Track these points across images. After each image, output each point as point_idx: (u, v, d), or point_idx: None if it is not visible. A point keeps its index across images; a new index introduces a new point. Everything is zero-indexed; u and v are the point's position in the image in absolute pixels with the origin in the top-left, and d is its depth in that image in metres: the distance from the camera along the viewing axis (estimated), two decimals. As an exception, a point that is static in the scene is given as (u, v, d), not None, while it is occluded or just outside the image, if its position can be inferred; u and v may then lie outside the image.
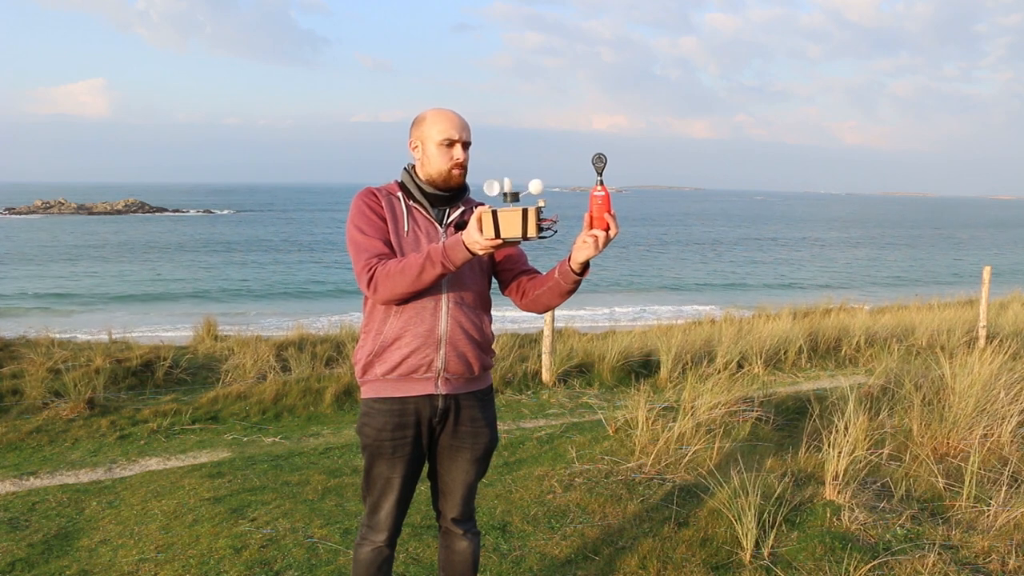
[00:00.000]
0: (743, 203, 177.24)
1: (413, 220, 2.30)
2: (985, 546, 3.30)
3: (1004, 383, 4.94)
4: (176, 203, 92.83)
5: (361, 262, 2.21)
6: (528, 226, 1.96)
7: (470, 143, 2.33)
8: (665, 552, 3.36)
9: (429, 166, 2.29)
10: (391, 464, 2.31)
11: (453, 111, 2.32)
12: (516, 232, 1.96)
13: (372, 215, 2.27)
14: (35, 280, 29.61)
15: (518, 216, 1.95)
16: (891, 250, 54.31)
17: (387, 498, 2.34)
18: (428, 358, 2.25)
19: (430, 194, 2.32)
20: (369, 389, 2.32)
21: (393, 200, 2.32)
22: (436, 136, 2.27)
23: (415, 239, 2.28)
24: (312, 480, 4.58)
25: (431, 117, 2.30)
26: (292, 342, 8.67)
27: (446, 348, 2.26)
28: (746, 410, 5.33)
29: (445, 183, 2.30)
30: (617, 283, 32.42)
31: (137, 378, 7.20)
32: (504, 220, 1.96)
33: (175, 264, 36.19)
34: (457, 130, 2.28)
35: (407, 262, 2.15)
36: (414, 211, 2.32)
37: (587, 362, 8.25)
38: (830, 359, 9.31)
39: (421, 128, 2.31)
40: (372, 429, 2.30)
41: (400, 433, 2.29)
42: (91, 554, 3.57)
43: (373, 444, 2.30)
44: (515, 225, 1.96)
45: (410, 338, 2.24)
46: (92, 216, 69.04)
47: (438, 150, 2.27)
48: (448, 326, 2.26)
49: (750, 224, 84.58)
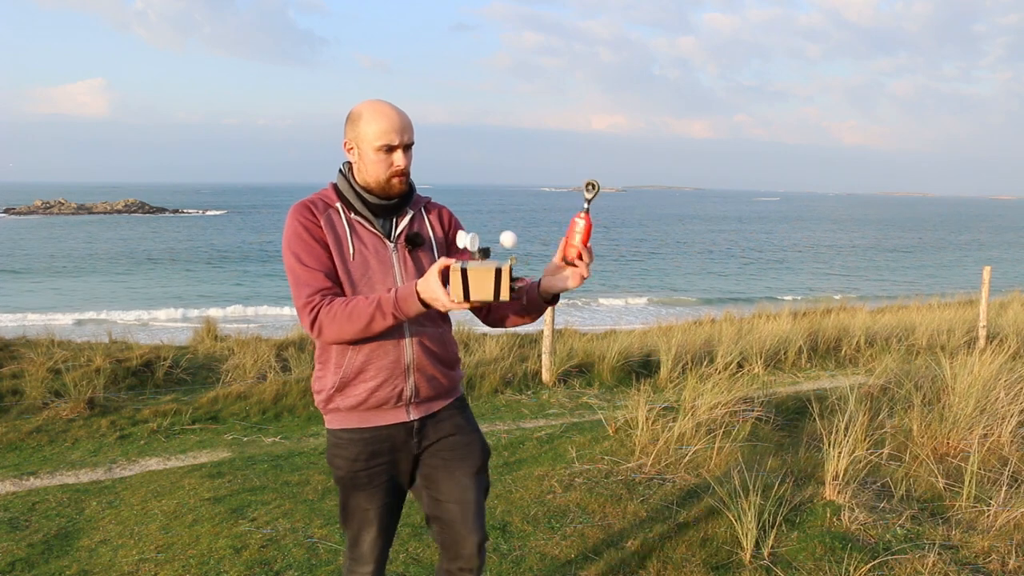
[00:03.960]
0: (744, 204, 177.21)
1: (358, 238, 2.04)
2: (985, 546, 3.30)
3: (1004, 383, 4.94)
4: (176, 203, 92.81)
5: (302, 298, 1.96)
6: (500, 288, 1.79)
7: (412, 143, 2.05)
8: (665, 552, 3.36)
9: (366, 172, 2.03)
10: (369, 496, 2.11)
11: (392, 107, 2.02)
12: (487, 295, 1.79)
13: (310, 240, 1.99)
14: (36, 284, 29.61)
15: (490, 276, 1.78)
16: (891, 250, 54.28)
17: (367, 531, 2.14)
18: (397, 388, 2.06)
19: (372, 204, 2.05)
20: (334, 419, 2.11)
21: (332, 215, 2.04)
22: (373, 140, 1.98)
23: (363, 262, 2.02)
24: (312, 480, 4.58)
25: (367, 115, 2.00)
26: (292, 342, 8.67)
27: (415, 375, 2.07)
28: (746, 410, 5.32)
29: (384, 192, 2.05)
30: (617, 284, 32.43)
31: (137, 378, 7.20)
32: (475, 280, 1.78)
33: (176, 265, 36.20)
34: (397, 132, 1.99)
35: (355, 308, 1.91)
36: (357, 226, 2.05)
37: (587, 362, 8.26)
38: (830, 359, 9.31)
39: (356, 128, 2.02)
40: (344, 460, 2.09)
41: (375, 461, 2.09)
42: (91, 554, 3.57)
43: (347, 476, 2.10)
44: (486, 287, 1.78)
45: (375, 371, 2.04)
46: (92, 216, 69.02)
47: (376, 156, 1.99)
48: (414, 352, 2.06)
49: (752, 225, 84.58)
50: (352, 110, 2.06)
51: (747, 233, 68.73)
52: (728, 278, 36.22)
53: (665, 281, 34.34)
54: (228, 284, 30.63)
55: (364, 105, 2.03)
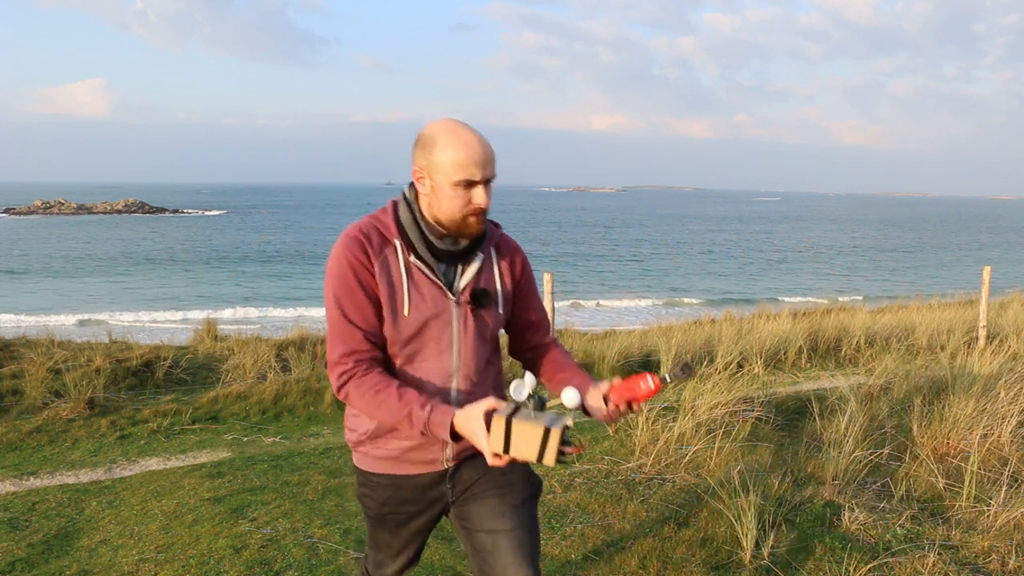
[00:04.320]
0: (744, 204, 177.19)
1: (416, 289, 1.78)
2: (985, 546, 3.30)
3: (1004, 383, 4.94)
4: (176, 203, 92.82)
5: (335, 356, 1.77)
6: (546, 452, 1.56)
7: (494, 177, 1.76)
8: (665, 552, 3.36)
9: (438, 208, 1.75)
10: (396, 534, 1.98)
11: (474, 134, 1.72)
12: (530, 455, 1.57)
13: (357, 289, 1.74)
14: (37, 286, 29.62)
15: (537, 436, 1.56)
16: (891, 250, 54.28)
17: (394, 560, 2.04)
18: (432, 454, 1.88)
19: (439, 249, 1.79)
20: (364, 461, 1.94)
21: (389, 256, 1.78)
22: (452, 174, 1.70)
23: (418, 319, 1.77)
24: (312, 480, 4.58)
25: (444, 142, 1.71)
26: (292, 342, 8.67)
27: (452, 443, 1.79)
28: (746, 410, 5.32)
29: (458, 231, 1.77)
30: (616, 284, 32.43)
31: (137, 378, 7.20)
32: (518, 436, 1.56)
33: (176, 265, 36.20)
34: (479, 166, 1.70)
35: (385, 402, 1.72)
36: (416, 273, 1.78)
37: (587, 362, 8.25)
38: (830, 359, 9.31)
39: (431, 156, 1.72)
40: (373, 502, 1.95)
41: (407, 507, 1.94)
42: (91, 554, 3.57)
43: (376, 516, 1.98)
44: (531, 446, 1.56)
45: (409, 433, 1.84)
46: (92, 216, 69.03)
47: (452, 191, 1.71)
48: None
49: (753, 225, 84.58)
50: (423, 132, 1.76)
51: (748, 233, 68.74)
52: (728, 278, 36.22)
53: (665, 281, 34.35)
54: (228, 284, 30.64)
55: (439, 128, 1.73)
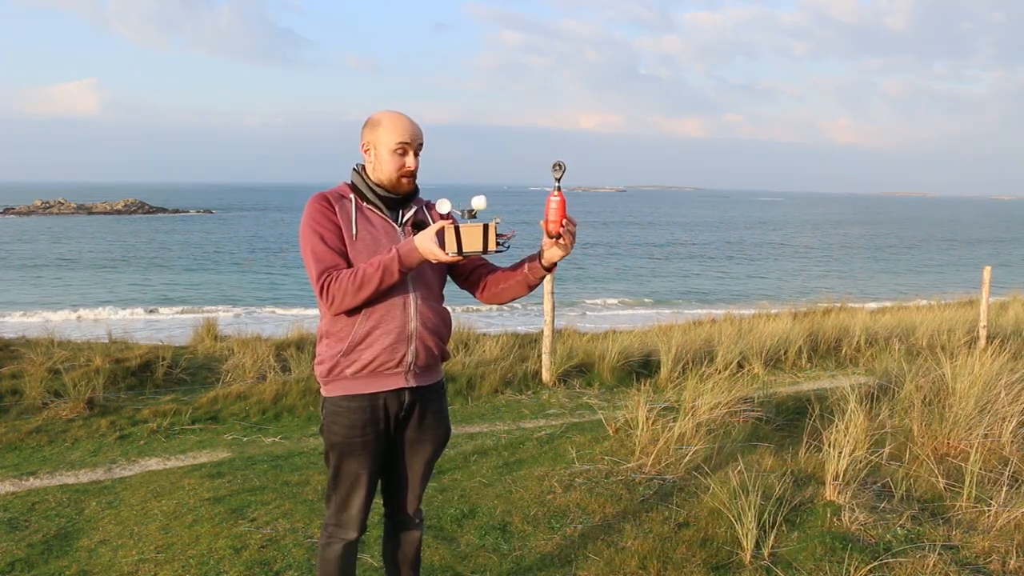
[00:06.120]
0: (745, 204, 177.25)
1: (367, 221, 2.33)
2: (986, 546, 3.30)
3: (1004, 383, 4.94)
4: (176, 203, 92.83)
5: (316, 272, 2.24)
6: (488, 240, 2.13)
7: (422, 146, 2.35)
8: (665, 552, 3.36)
9: (380, 171, 2.32)
10: (361, 461, 2.35)
11: (407, 116, 2.34)
12: (477, 247, 2.13)
13: (327, 222, 2.28)
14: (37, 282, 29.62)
15: (479, 231, 2.12)
16: (891, 250, 54.29)
17: (357, 495, 2.38)
18: (400, 353, 2.30)
19: (383, 197, 2.34)
20: (336, 388, 2.34)
21: (346, 204, 2.33)
22: (390, 142, 2.29)
23: (373, 240, 2.30)
24: (312, 480, 4.57)
25: (386, 122, 2.31)
26: (292, 342, 8.68)
27: (416, 342, 2.32)
28: (746, 410, 5.32)
29: (395, 189, 2.34)
30: (617, 285, 32.43)
31: (137, 378, 7.19)
32: (466, 235, 2.12)
33: (175, 265, 36.20)
34: (411, 136, 2.31)
35: (364, 276, 2.20)
36: (368, 212, 2.34)
37: (587, 362, 8.25)
38: (830, 359, 9.31)
39: (376, 132, 2.31)
40: (342, 427, 2.32)
41: (371, 429, 2.34)
42: (91, 554, 3.57)
43: (343, 443, 2.33)
44: (476, 240, 2.13)
45: (381, 335, 2.28)
46: (92, 216, 69.01)
47: (391, 156, 2.30)
48: (417, 322, 2.32)
49: (754, 225, 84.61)
50: (371, 116, 2.35)
51: (747, 233, 68.74)
52: (728, 278, 36.22)
53: (665, 281, 34.34)
54: (227, 284, 30.63)
55: (383, 113, 2.34)
